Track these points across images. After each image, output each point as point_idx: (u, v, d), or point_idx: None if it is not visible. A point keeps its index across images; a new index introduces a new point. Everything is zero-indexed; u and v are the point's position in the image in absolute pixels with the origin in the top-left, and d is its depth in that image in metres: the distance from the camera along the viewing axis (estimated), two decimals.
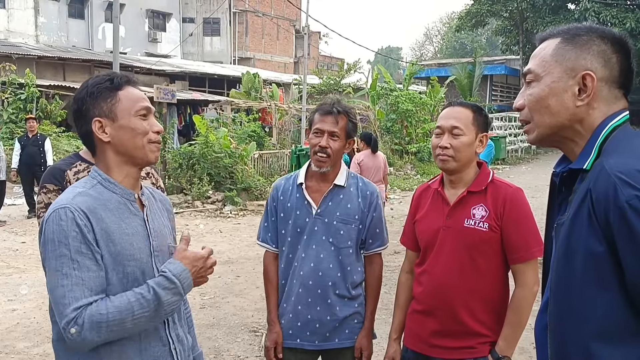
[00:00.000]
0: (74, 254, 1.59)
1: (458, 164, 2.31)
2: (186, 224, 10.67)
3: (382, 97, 21.11)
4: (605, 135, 1.36)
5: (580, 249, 1.28)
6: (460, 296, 2.28)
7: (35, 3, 30.48)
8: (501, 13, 33.50)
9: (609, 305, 1.25)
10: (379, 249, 2.69)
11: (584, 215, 1.28)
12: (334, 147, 2.54)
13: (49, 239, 1.61)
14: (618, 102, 1.40)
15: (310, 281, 2.56)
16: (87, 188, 1.72)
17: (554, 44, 1.43)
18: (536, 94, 1.43)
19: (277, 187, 2.71)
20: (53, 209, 1.64)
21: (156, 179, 2.93)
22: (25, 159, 10.73)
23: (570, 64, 1.39)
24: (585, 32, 1.40)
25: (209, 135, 13.04)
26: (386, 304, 6.00)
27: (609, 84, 1.38)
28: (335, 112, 2.54)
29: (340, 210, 2.59)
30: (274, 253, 2.69)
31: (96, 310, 1.57)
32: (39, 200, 2.54)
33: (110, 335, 1.60)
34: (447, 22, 62.54)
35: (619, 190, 1.21)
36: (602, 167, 1.27)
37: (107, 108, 1.74)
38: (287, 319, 2.63)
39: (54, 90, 17.04)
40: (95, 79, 1.79)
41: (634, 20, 27.23)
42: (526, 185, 13.65)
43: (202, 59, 36.20)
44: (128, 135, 1.75)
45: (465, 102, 2.43)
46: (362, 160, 7.97)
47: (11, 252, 8.43)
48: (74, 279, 1.59)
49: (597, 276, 1.26)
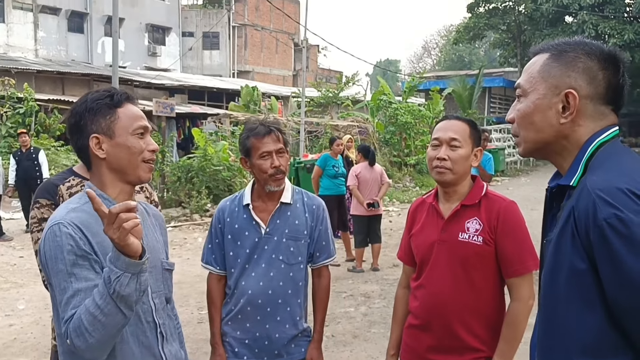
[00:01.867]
0: (70, 267, 1.59)
1: (455, 176, 2.31)
2: (184, 237, 10.65)
3: (381, 110, 21.15)
4: (592, 152, 1.36)
5: (565, 266, 1.29)
6: (456, 310, 2.27)
7: (34, 17, 30.65)
8: (499, 26, 33.65)
9: (592, 321, 1.25)
10: (326, 261, 2.71)
11: (568, 233, 1.28)
12: (284, 163, 2.56)
13: (48, 257, 1.62)
14: (606, 118, 1.39)
15: (260, 300, 2.56)
16: (81, 204, 1.71)
17: (542, 60, 1.43)
18: (523, 109, 1.44)
19: (222, 208, 2.69)
20: (47, 227, 1.64)
21: (150, 192, 2.92)
22: (21, 174, 10.70)
23: (555, 81, 1.39)
24: (572, 49, 1.40)
25: (207, 149, 13.05)
26: (384, 318, 5.97)
27: (595, 100, 1.38)
28: (274, 130, 2.55)
29: (289, 227, 2.60)
30: (218, 275, 2.68)
31: (76, 317, 1.55)
32: (32, 215, 2.53)
33: (97, 336, 1.53)
34: (445, 35, 62.87)
35: (598, 209, 1.21)
36: (585, 184, 1.28)
37: (106, 125, 1.74)
38: (234, 337, 2.61)
39: (52, 104, 17.08)
40: (95, 94, 1.78)
41: (632, 32, 27.33)
42: (525, 198, 13.64)
43: (202, 72, 36.35)
44: (124, 154, 1.75)
45: (461, 117, 2.44)
46: (359, 172, 8.00)
47: (9, 267, 8.40)
48: (69, 292, 1.59)
49: (580, 293, 1.26)
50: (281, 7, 33.37)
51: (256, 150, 2.54)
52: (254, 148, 2.55)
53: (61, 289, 1.59)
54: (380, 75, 26.47)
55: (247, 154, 2.59)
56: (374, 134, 20.61)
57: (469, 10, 33.90)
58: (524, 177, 22.27)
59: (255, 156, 2.55)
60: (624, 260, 1.18)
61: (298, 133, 18.02)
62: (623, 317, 1.22)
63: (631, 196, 1.21)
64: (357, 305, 6.48)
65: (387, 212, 13.32)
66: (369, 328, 5.71)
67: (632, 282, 1.18)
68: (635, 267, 1.18)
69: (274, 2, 29.94)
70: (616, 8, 28.22)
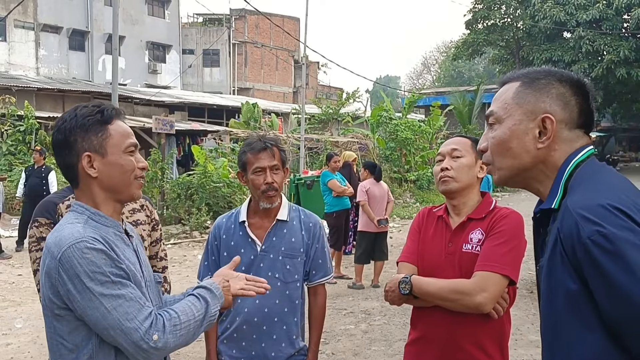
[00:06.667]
0: (112, 276, 1.58)
1: (459, 184, 2.32)
2: (184, 255, 10.60)
3: (381, 126, 21.20)
4: (570, 172, 1.37)
5: (559, 289, 1.28)
6: (461, 323, 2.23)
7: (36, 36, 30.85)
8: (497, 42, 33.83)
9: (592, 341, 1.24)
10: (322, 279, 2.68)
11: (557, 255, 1.28)
12: (278, 180, 2.55)
13: (77, 273, 1.55)
14: (580, 141, 1.41)
15: (256, 318, 2.54)
16: (82, 222, 1.66)
17: (514, 88, 1.45)
18: (498, 136, 1.45)
19: (218, 225, 2.68)
20: (67, 245, 1.57)
21: (150, 211, 2.91)
22: (27, 190, 10.72)
23: (530, 107, 1.41)
24: (544, 76, 1.42)
25: (207, 165, 13.05)
26: (385, 335, 5.93)
27: (569, 125, 1.40)
28: (269, 146, 2.54)
29: (285, 245, 2.58)
30: None
31: (169, 316, 1.64)
32: (31, 234, 2.50)
33: (180, 340, 1.65)
34: (444, 51, 63.20)
35: (580, 227, 1.21)
36: (566, 205, 1.28)
37: (98, 143, 1.69)
38: (230, 355, 2.59)
39: (53, 122, 17.10)
40: (84, 109, 1.73)
41: (627, 48, 27.49)
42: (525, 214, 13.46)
43: (202, 89, 36.51)
44: (117, 172, 1.71)
45: (463, 134, 2.47)
46: (369, 188, 8.04)
47: (7, 285, 8.35)
48: (126, 296, 1.58)
49: (577, 314, 1.25)
50: (281, 25, 33.58)
51: (251, 165, 2.55)
52: (249, 163, 2.55)
53: (113, 296, 1.56)
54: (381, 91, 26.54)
55: (243, 169, 2.60)
56: (374, 150, 20.63)
57: (468, 27, 34.11)
58: (524, 192, 22.17)
59: (249, 171, 2.55)
60: (612, 275, 1.17)
61: (298, 149, 18.03)
62: (621, 332, 1.20)
63: (613, 211, 1.20)
64: (357, 323, 6.43)
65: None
66: (369, 345, 5.66)
67: (622, 294, 1.17)
68: (624, 282, 1.16)
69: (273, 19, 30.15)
70: (613, 24, 28.41)
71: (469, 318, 2.20)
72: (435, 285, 2.19)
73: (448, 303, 2.18)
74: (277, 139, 2.67)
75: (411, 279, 2.22)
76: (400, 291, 2.22)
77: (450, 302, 2.17)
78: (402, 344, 2.72)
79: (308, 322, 2.71)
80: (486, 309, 2.13)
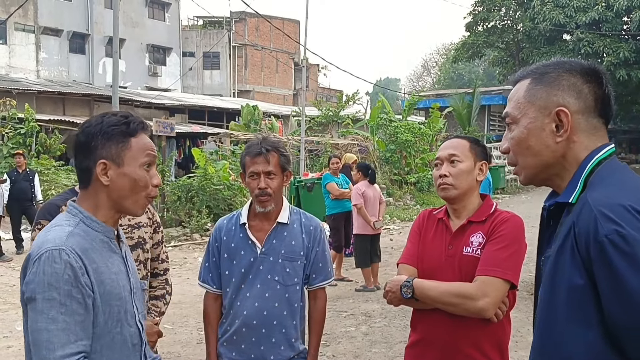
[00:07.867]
0: (64, 297, 1.54)
1: (458, 191, 2.32)
2: (184, 257, 10.61)
3: (382, 128, 21.21)
4: (591, 169, 1.36)
5: (563, 282, 1.28)
6: (458, 325, 2.23)
7: (36, 39, 30.89)
8: (497, 44, 33.89)
9: (588, 339, 1.24)
10: (322, 283, 2.68)
11: (567, 249, 1.27)
12: (273, 185, 2.54)
13: (39, 279, 1.56)
14: (598, 133, 1.39)
15: (255, 321, 2.54)
16: (73, 226, 1.66)
17: (525, 86, 1.44)
18: (517, 136, 1.44)
19: (219, 227, 2.69)
20: (46, 249, 1.58)
21: (152, 213, 2.92)
22: (16, 194, 10.65)
23: (543, 103, 1.40)
24: (552, 69, 1.41)
25: (208, 168, 13.06)
26: (385, 337, 5.93)
27: (586, 114, 1.38)
28: (265, 152, 2.54)
29: (285, 247, 2.58)
30: (214, 294, 2.66)
31: None
32: (34, 237, 2.51)
33: None
34: (444, 54, 63.22)
35: (599, 225, 1.20)
36: (586, 200, 1.27)
37: (116, 152, 1.69)
38: (230, 358, 2.59)
39: (53, 124, 17.13)
40: (112, 117, 1.73)
41: (627, 49, 27.53)
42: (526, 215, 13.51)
43: (202, 92, 36.51)
44: (128, 185, 1.71)
45: (462, 135, 2.46)
46: (364, 190, 8.08)
47: (8, 288, 8.37)
48: (60, 324, 1.54)
49: (578, 309, 1.25)
50: (281, 27, 33.62)
51: (247, 168, 2.58)
52: (247, 166, 2.58)
53: (50, 317, 1.53)
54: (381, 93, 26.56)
55: (243, 170, 2.63)
56: (374, 152, 20.64)
57: (468, 29, 34.17)
58: (524, 194, 22.25)
59: (246, 174, 2.59)
60: (624, 277, 1.17)
61: (298, 152, 18.04)
62: (620, 334, 1.20)
63: (634, 213, 1.20)
64: (357, 325, 6.43)
65: (388, 230, 13.30)
66: (370, 348, 5.66)
67: (631, 300, 1.17)
68: (635, 284, 1.16)
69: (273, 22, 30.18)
70: (612, 26, 28.45)
71: (469, 321, 2.20)
72: (437, 289, 2.19)
73: (450, 307, 2.18)
74: (278, 143, 2.66)
75: (413, 282, 2.22)
76: (402, 295, 2.22)
77: (452, 306, 2.17)
78: (402, 346, 2.72)
79: (308, 325, 2.71)
80: (488, 314, 2.13)
